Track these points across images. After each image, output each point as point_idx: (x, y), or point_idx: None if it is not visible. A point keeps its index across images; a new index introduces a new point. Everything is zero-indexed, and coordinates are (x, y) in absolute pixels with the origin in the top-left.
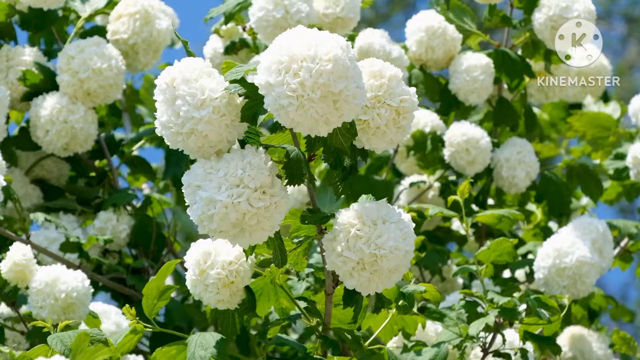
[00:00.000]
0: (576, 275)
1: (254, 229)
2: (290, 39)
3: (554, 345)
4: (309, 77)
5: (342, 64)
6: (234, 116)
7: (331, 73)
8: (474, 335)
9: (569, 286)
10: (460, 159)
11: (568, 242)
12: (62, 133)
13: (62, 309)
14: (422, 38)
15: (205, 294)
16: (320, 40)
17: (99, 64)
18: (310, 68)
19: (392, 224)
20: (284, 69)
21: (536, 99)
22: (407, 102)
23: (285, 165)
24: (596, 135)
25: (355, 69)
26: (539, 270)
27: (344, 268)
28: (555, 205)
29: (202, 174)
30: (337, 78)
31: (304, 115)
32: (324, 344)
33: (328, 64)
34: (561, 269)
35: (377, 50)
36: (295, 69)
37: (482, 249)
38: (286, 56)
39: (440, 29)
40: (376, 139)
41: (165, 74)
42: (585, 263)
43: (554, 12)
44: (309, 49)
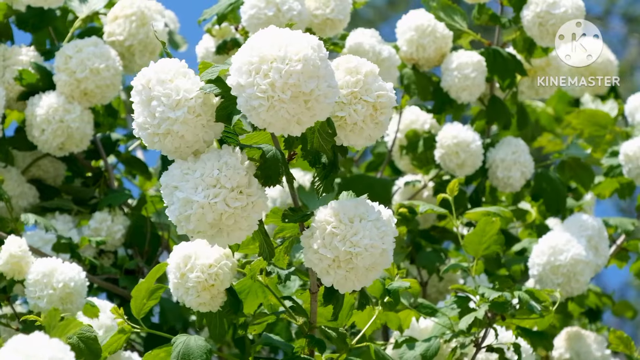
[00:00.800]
0: (570, 273)
1: (231, 228)
2: (261, 40)
3: (546, 340)
4: (279, 77)
5: (313, 64)
6: (209, 116)
7: (301, 73)
8: (464, 329)
9: (563, 284)
10: (449, 162)
11: (563, 239)
12: (58, 132)
13: (60, 299)
14: (412, 37)
15: (186, 297)
16: (291, 41)
17: (97, 64)
18: (280, 69)
19: (369, 222)
20: (254, 70)
21: (527, 96)
22: (384, 98)
23: (260, 166)
24: (593, 134)
25: (327, 68)
26: (533, 267)
27: (320, 265)
28: (551, 202)
29: (179, 174)
30: (308, 78)
31: (275, 116)
32: (311, 343)
33: (298, 64)
34: (556, 267)
35: (366, 50)
36: (265, 70)
37: (467, 235)
38: (256, 57)
39: (430, 27)
40: (354, 135)
41: (141, 76)
42: (580, 261)
43: (542, 9)
44: (279, 49)
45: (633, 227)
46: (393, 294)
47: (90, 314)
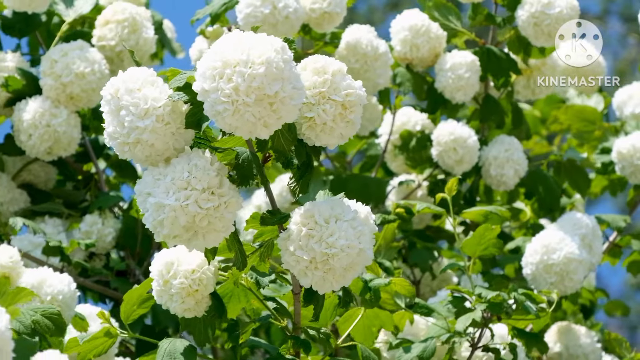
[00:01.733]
0: (564, 271)
1: (206, 230)
2: (224, 44)
3: (541, 343)
4: (242, 81)
5: (276, 66)
6: (179, 123)
7: (264, 76)
8: (461, 330)
9: (556, 282)
10: (447, 158)
11: (556, 238)
12: (45, 137)
13: None
14: (406, 37)
15: (170, 304)
16: (254, 44)
17: (82, 68)
18: (243, 72)
19: (345, 222)
20: (217, 74)
21: (523, 96)
22: (353, 96)
23: (235, 167)
24: (582, 130)
25: (291, 70)
26: (526, 266)
27: (298, 267)
28: (545, 201)
29: (151, 181)
30: (271, 80)
31: (240, 120)
32: (296, 344)
33: (260, 67)
34: (549, 265)
35: (364, 45)
36: (228, 74)
37: (465, 239)
38: (219, 62)
39: (424, 27)
40: (325, 135)
41: (110, 85)
42: (573, 260)
43: (536, 9)
44: (241, 53)
45: (625, 223)
46: (374, 291)
47: (79, 327)
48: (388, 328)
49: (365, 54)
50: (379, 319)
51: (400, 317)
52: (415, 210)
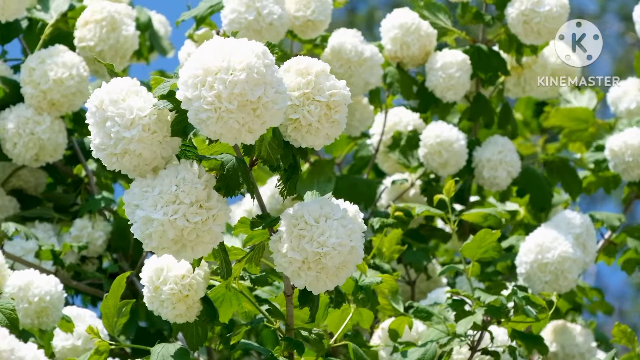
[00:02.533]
0: (558, 270)
1: (194, 243)
2: (204, 52)
3: (541, 345)
4: (224, 88)
5: (257, 72)
6: (165, 132)
7: (245, 82)
8: (461, 333)
9: (550, 281)
10: (432, 161)
11: (550, 237)
12: (29, 145)
13: (35, 313)
14: (396, 35)
15: (161, 310)
16: (234, 50)
17: (60, 74)
18: (224, 79)
19: (335, 221)
20: (199, 82)
21: (513, 94)
22: (337, 96)
23: (220, 177)
24: (574, 129)
25: (273, 75)
26: (521, 265)
27: (291, 269)
28: (537, 199)
29: (139, 192)
30: (253, 86)
31: (224, 127)
32: (289, 345)
33: (241, 73)
34: (543, 264)
35: (349, 50)
36: (210, 82)
37: (466, 242)
38: (200, 69)
39: (414, 25)
40: (311, 136)
41: (94, 97)
42: (568, 258)
43: (526, 7)
44: (222, 60)
45: (619, 222)
46: (365, 289)
47: (65, 328)
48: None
49: (349, 59)
50: (359, 316)
51: (399, 323)
52: (415, 213)
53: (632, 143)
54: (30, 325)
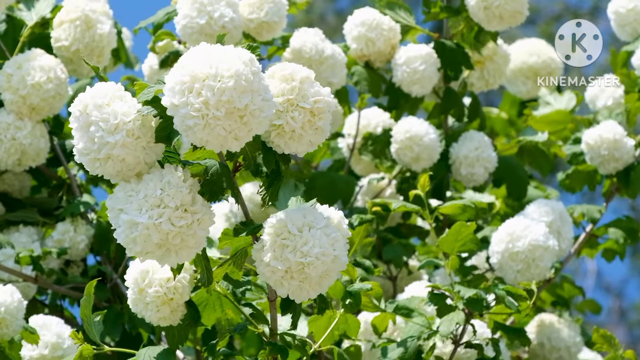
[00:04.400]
0: (529, 259)
1: (179, 247)
2: (191, 58)
3: (523, 336)
4: (212, 95)
5: (245, 79)
6: (149, 137)
7: (234, 89)
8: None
9: (522, 270)
10: (404, 156)
11: (521, 226)
12: (11, 150)
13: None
14: (359, 32)
15: (146, 312)
16: (222, 57)
17: (37, 78)
18: (212, 86)
19: (318, 230)
20: (186, 89)
21: (477, 88)
22: (321, 103)
23: (204, 182)
24: (550, 130)
25: (260, 82)
26: (493, 255)
27: (273, 278)
28: (513, 188)
29: (123, 197)
30: (241, 93)
31: (211, 134)
32: (273, 350)
33: (230, 80)
34: (514, 253)
35: (309, 49)
36: (197, 89)
37: (442, 236)
38: (188, 76)
39: (376, 21)
40: (294, 143)
41: (78, 102)
42: (538, 247)
43: None
44: (210, 67)
45: (600, 214)
46: (354, 295)
47: (30, 340)
48: (352, 334)
49: (310, 58)
50: (346, 324)
51: (382, 319)
52: (392, 208)
53: (608, 137)
54: None
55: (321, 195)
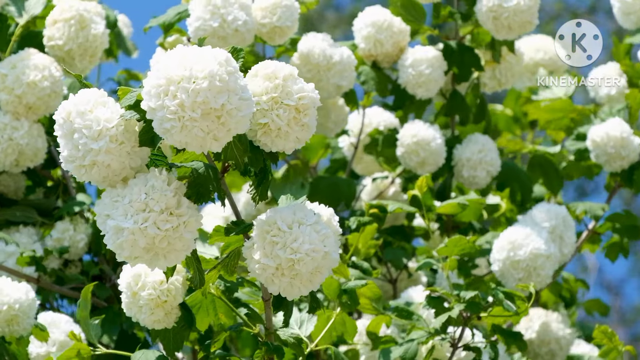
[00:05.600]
0: (530, 267)
1: (167, 251)
2: (167, 61)
3: (520, 340)
4: (187, 97)
5: (219, 79)
6: (133, 142)
7: (208, 90)
8: (438, 328)
9: (523, 279)
10: (410, 160)
11: (523, 234)
12: (8, 151)
13: (5, 322)
14: (369, 33)
15: (140, 316)
16: (197, 59)
17: (32, 77)
18: (187, 88)
19: (308, 227)
20: (162, 92)
21: (489, 88)
22: (306, 99)
23: (190, 184)
24: (549, 118)
25: (236, 82)
26: (494, 262)
27: (264, 275)
28: (517, 193)
29: (109, 202)
30: (216, 94)
31: (189, 135)
32: (268, 350)
33: (203, 81)
34: (515, 262)
35: (317, 55)
36: (173, 91)
37: (440, 246)
38: (163, 79)
39: (387, 22)
40: (281, 140)
41: (61, 109)
42: (540, 255)
43: (494, 3)
44: (184, 69)
45: (602, 212)
46: (350, 293)
47: (40, 337)
48: (348, 338)
49: (317, 64)
50: (343, 327)
51: (377, 322)
52: (388, 210)
53: (614, 134)
54: (1, 334)
55: (324, 198)
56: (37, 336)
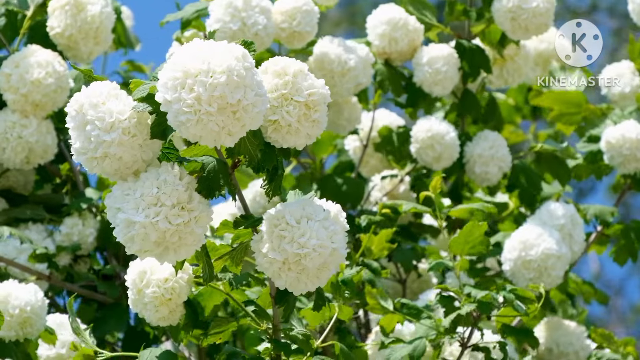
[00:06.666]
0: (542, 267)
1: (177, 245)
2: (184, 54)
3: (531, 338)
4: (204, 91)
5: (237, 74)
6: (145, 135)
7: (226, 85)
8: (447, 326)
9: (535, 278)
10: (425, 155)
11: (534, 234)
12: (18, 149)
13: (18, 325)
14: (384, 31)
15: (145, 313)
16: (214, 53)
17: (36, 75)
18: (204, 82)
19: (316, 222)
20: (179, 85)
21: (496, 85)
22: (316, 95)
23: (200, 179)
24: (564, 111)
25: (253, 78)
26: (505, 262)
27: (271, 269)
28: (526, 194)
29: (120, 195)
30: (233, 89)
31: (204, 129)
32: (276, 347)
33: (222, 76)
34: (527, 262)
35: (332, 60)
36: (190, 84)
37: (453, 237)
38: (180, 72)
39: (402, 20)
40: (291, 136)
41: (74, 101)
42: (551, 255)
43: (513, 3)
44: (202, 62)
45: (612, 216)
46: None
47: (48, 340)
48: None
49: (332, 69)
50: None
51: (389, 320)
52: (402, 210)
53: (630, 136)
54: (16, 337)
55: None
56: (45, 339)
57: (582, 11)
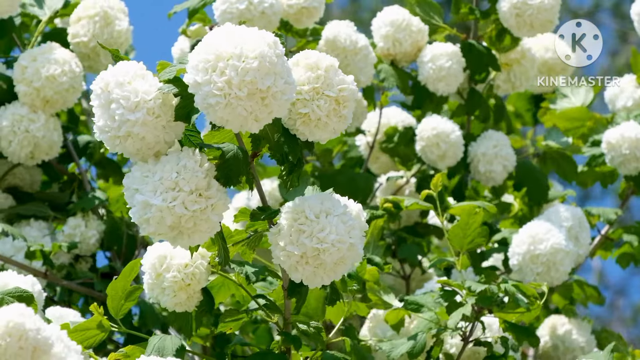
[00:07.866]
0: (550, 262)
1: (191, 231)
2: (216, 37)
3: (532, 336)
4: (235, 75)
5: (269, 61)
6: (169, 117)
7: (257, 70)
8: (452, 327)
9: (542, 273)
10: (430, 153)
11: (544, 229)
12: (24, 143)
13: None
14: (388, 32)
15: (162, 297)
16: (247, 38)
17: (52, 71)
18: (237, 66)
19: (335, 217)
20: (210, 67)
21: (503, 90)
22: (346, 91)
23: (219, 166)
24: (568, 127)
25: (283, 65)
26: (513, 256)
27: (288, 262)
28: (534, 193)
29: (140, 177)
30: (264, 75)
31: (232, 113)
32: (286, 340)
33: (254, 61)
34: (535, 256)
35: (343, 40)
36: (221, 68)
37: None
38: (212, 55)
39: (405, 22)
40: (319, 130)
41: (100, 79)
42: (560, 250)
43: (518, 0)
44: (235, 47)
45: (616, 216)
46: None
47: None
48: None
49: (344, 48)
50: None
51: (396, 315)
52: (404, 206)
53: (630, 136)
54: None
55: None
56: None
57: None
